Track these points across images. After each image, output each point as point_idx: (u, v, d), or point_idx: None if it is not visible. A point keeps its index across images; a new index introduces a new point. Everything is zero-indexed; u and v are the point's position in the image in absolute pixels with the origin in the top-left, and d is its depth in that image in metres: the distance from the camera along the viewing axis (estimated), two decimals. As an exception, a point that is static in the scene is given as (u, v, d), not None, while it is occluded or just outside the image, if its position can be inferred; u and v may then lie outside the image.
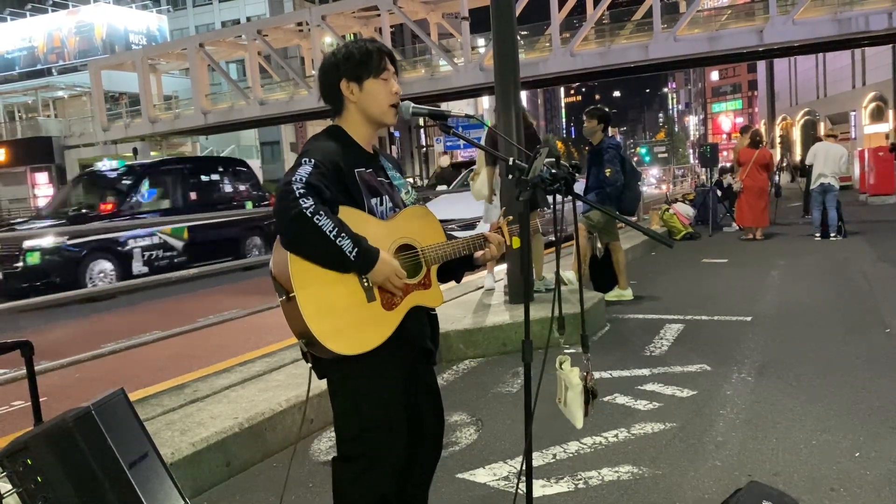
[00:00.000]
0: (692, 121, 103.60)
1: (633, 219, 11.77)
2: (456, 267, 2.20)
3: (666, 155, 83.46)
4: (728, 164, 18.22)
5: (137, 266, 10.84)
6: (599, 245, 7.30)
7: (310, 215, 1.78)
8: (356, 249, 1.84)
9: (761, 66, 47.28)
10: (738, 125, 44.50)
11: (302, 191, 1.80)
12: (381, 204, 2.05)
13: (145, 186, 11.76)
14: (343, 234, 1.82)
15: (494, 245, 2.16)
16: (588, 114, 7.01)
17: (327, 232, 1.79)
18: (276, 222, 1.84)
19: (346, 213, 1.90)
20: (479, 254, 2.17)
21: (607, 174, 6.61)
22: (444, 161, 18.06)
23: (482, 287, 6.88)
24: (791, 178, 22.72)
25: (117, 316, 8.29)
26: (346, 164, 1.99)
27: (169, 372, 5.18)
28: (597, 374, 4.37)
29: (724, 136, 64.45)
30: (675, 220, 12.45)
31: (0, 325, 6.79)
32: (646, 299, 6.96)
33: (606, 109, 7.14)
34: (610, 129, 7.03)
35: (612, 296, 6.89)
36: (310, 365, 2.04)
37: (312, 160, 1.90)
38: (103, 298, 8.98)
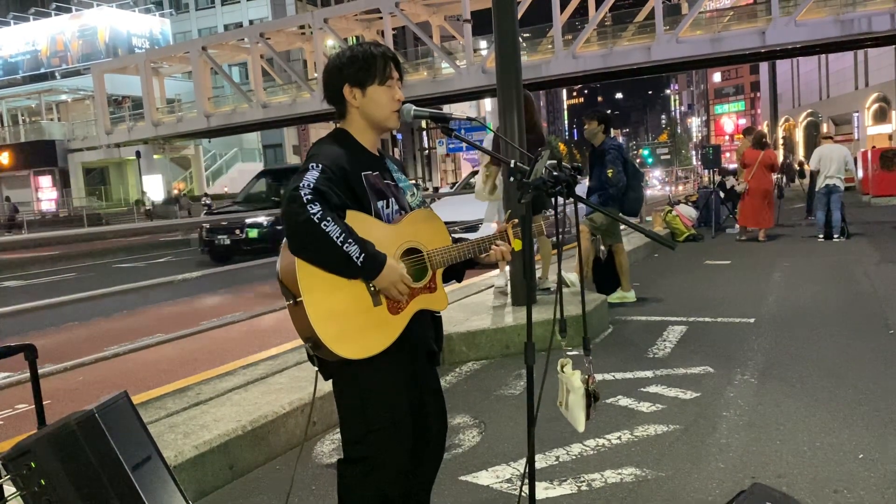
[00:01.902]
0: (695, 122, 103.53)
1: (636, 220, 11.77)
2: (458, 267, 2.20)
3: (668, 156, 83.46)
4: (730, 166, 18.19)
5: None
6: (602, 247, 7.29)
7: (317, 221, 1.79)
8: (363, 255, 1.84)
9: (764, 67, 47.30)
10: (741, 126, 44.48)
11: (309, 196, 1.81)
12: (388, 207, 2.06)
13: None
14: (350, 241, 1.82)
15: (500, 249, 2.16)
16: (588, 116, 7.01)
17: (334, 238, 1.80)
18: (283, 227, 1.85)
19: (353, 217, 1.91)
20: (483, 256, 2.17)
21: (609, 175, 6.60)
22: None
23: (484, 289, 6.88)
24: (793, 180, 22.64)
25: (120, 319, 8.30)
26: (353, 168, 1.99)
27: (172, 375, 5.19)
28: (599, 376, 4.38)
29: (727, 137, 64.46)
30: (678, 222, 12.44)
31: (3, 328, 6.80)
32: (649, 301, 6.95)
33: (607, 111, 7.14)
34: (612, 130, 7.03)
35: (614, 298, 6.88)
36: (316, 368, 2.04)
37: (320, 165, 1.90)
38: (104, 301, 9.02)
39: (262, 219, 12.74)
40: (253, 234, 13.04)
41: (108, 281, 12.04)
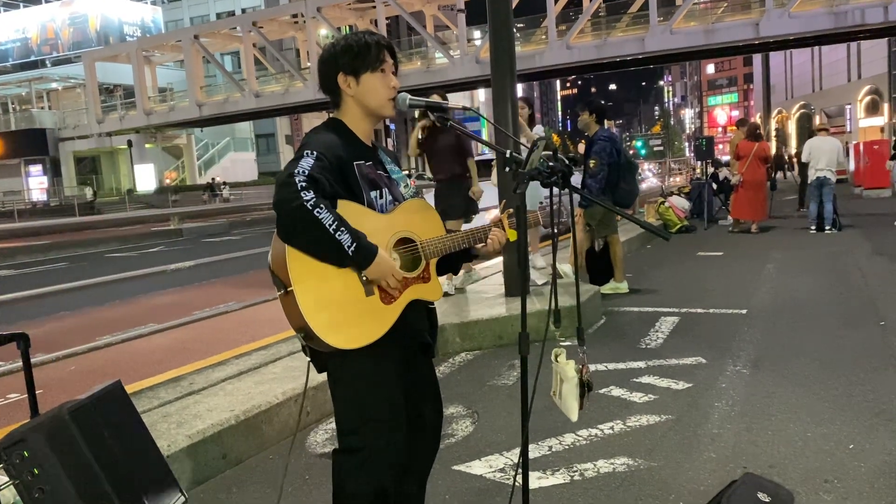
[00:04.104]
0: (688, 114, 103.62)
1: (629, 212, 11.77)
2: (454, 259, 2.20)
3: (662, 148, 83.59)
4: (723, 158, 18.21)
5: None
6: (598, 239, 7.26)
7: (310, 208, 1.77)
8: (355, 245, 1.83)
9: (757, 59, 47.36)
10: (734, 118, 44.50)
11: (304, 183, 1.79)
12: (381, 197, 2.05)
13: None
14: (343, 229, 1.81)
15: (497, 238, 2.16)
16: (581, 106, 7.01)
17: (327, 225, 1.79)
18: (275, 213, 1.84)
19: (345, 207, 1.90)
20: (479, 246, 2.17)
21: (591, 165, 6.61)
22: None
23: (478, 280, 6.89)
24: (783, 175, 22.69)
25: (113, 308, 8.27)
26: (346, 157, 1.98)
27: (165, 364, 5.18)
28: (592, 367, 4.37)
29: (720, 129, 64.46)
30: (671, 214, 12.47)
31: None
32: (641, 292, 6.97)
33: (601, 102, 7.14)
34: (606, 121, 7.01)
35: (607, 289, 6.90)
36: (308, 358, 2.03)
37: (315, 152, 1.89)
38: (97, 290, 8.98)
39: None
40: None
41: (100, 270, 12.01)
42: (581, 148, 7.14)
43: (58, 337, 6.45)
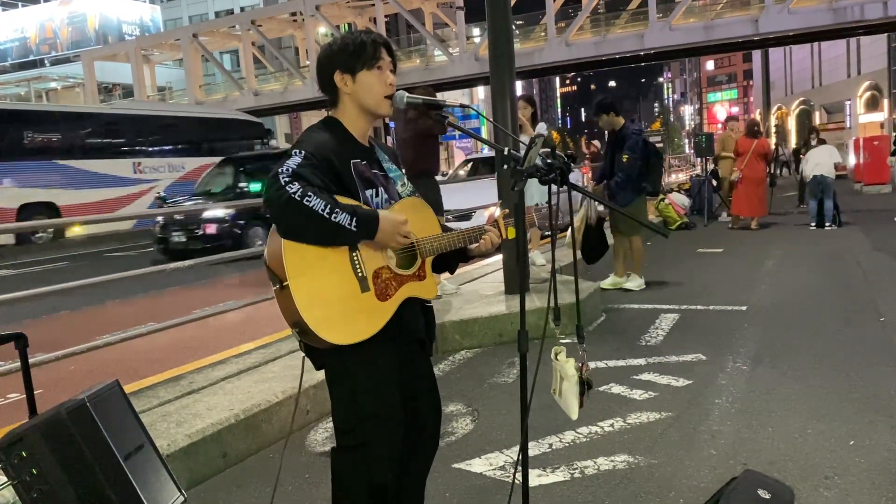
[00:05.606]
0: (687, 110, 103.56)
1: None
2: (450, 258, 2.20)
3: (661, 145, 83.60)
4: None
5: None
6: (591, 213, 7.09)
7: (299, 198, 1.78)
8: (354, 219, 1.83)
9: (756, 55, 47.30)
10: (735, 115, 44.38)
11: (287, 179, 1.80)
12: (377, 195, 2.04)
13: None
14: (337, 210, 1.81)
15: (490, 237, 2.15)
16: (596, 112, 6.95)
17: (320, 211, 1.78)
18: (269, 214, 1.83)
19: (341, 203, 1.90)
20: (473, 246, 2.17)
21: (624, 159, 6.58)
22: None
23: (478, 277, 6.88)
24: (788, 171, 22.66)
25: (112, 308, 8.26)
26: (341, 156, 1.98)
27: (164, 364, 5.17)
28: (592, 364, 4.37)
29: (720, 125, 64.25)
30: (671, 210, 12.45)
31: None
32: (641, 289, 6.96)
33: (601, 97, 7.14)
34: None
35: (607, 284, 6.92)
36: (304, 355, 2.03)
37: (302, 152, 1.89)
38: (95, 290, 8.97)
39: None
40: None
41: (99, 270, 11.99)
42: (596, 145, 7.13)
43: (57, 336, 6.45)
